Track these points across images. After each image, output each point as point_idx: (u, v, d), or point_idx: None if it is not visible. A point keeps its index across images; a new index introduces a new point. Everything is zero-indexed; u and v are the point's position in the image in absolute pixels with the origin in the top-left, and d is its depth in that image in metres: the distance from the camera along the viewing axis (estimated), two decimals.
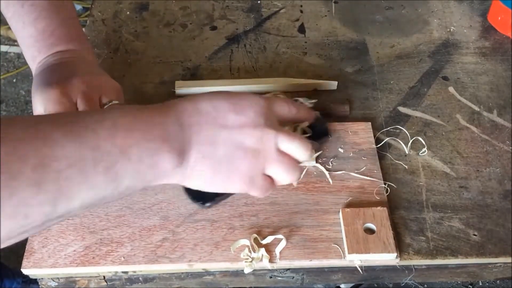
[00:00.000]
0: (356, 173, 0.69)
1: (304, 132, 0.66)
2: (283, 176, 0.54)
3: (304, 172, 0.68)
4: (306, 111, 0.61)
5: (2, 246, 0.42)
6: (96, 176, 0.43)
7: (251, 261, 0.61)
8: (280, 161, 0.53)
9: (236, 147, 0.51)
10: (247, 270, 0.61)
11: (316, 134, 0.66)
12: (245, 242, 0.62)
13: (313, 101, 0.73)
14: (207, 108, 0.51)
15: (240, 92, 0.56)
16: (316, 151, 0.69)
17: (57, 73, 0.63)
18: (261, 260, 0.61)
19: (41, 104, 0.61)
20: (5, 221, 0.39)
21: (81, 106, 0.62)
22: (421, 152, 0.73)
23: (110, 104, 0.64)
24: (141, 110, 0.48)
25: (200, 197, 0.58)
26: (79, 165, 0.42)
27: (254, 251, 0.62)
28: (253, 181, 0.53)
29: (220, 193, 0.56)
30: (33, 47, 0.66)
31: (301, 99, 0.71)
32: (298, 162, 0.55)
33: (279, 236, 0.62)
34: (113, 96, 0.65)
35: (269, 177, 0.55)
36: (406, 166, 0.71)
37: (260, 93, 0.61)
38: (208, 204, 0.59)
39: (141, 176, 0.47)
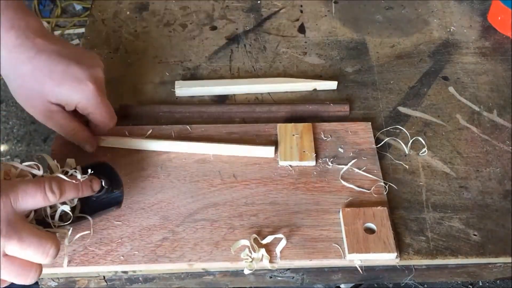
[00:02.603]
0: (356, 172, 0.69)
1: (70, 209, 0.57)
2: (14, 280, 0.50)
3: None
4: (76, 189, 0.55)
5: None
6: None
7: (251, 261, 0.61)
8: (6, 268, 0.48)
9: None
10: (247, 271, 0.61)
11: (101, 204, 0.61)
12: (245, 242, 0.62)
13: (88, 173, 0.60)
14: None
15: None
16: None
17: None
18: (261, 260, 0.61)
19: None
20: None
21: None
22: (421, 152, 0.73)
23: None
24: None
25: None
26: None
27: (254, 251, 0.61)
28: None
29: None
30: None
31: (69, 171, 0.60)
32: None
33: (279, 235, 0.62)
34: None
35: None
36: (406, 166, 0.71)
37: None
38: None
39: None
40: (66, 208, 0.56)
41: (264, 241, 0.62)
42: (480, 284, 1.54)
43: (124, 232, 0.63)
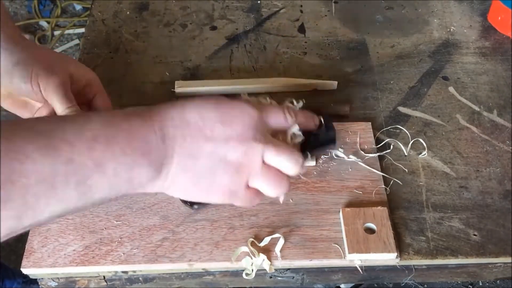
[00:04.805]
0: (357, 172, 0.69)
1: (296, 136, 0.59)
2: (268, 190, 0.53)
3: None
4: (306, 118, 0.58)
5: None
6: (66, 190, 0.42)
7: (251, 264, 0.61)
8: (265, 175, 0.52)
9: (218, 161, 0.50)
10: (247, 277, 0.61)
11: (319, 141, 0.62)
12: (244, 249, 0.62)
13: (301, 103, 0.63)
14: (193, 119, 0.50)
15: (232, 101, 0.53)
16: (307, 159, 0.63)
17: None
18: (262, 264, 0.61)
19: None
20: None
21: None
22: (421, 152, 0.73)
23: None
24: (126, 120, 0.47)
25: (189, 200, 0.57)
26: (50, 180, 0.41)
27: (254, 256, 0.61)
28: (235, 194, 0.52)
29: None
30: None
31: (294, 102, 0.64)
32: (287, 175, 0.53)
33: (276, 235, 0.62)
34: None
35: (255, 188, 0.53)
36: (406, 166, 0.71)
37: (256, 94, 0.61)
38: (196, 207, 0.61)
39: (116, 188, 0.46)
40: (296, 128, 0.58)
41: (262, 243, 0.62)
42: (480, 284, 1.54)
43: (124, 232, 0.63)
